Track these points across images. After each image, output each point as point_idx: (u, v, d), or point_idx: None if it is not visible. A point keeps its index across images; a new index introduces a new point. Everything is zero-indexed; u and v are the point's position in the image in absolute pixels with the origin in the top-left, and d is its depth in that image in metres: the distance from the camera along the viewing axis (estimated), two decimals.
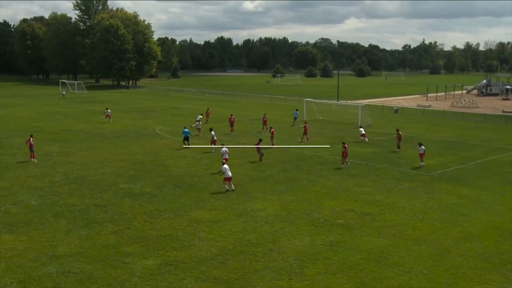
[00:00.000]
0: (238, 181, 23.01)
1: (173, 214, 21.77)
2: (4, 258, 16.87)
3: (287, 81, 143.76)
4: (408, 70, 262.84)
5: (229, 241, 18.73)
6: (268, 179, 27.81)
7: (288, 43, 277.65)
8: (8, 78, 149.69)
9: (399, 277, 15.91)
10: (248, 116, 55.94)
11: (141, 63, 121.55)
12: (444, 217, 21.91)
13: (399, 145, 37.30)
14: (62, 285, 15.01)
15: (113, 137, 41.52)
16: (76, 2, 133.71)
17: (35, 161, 31.50)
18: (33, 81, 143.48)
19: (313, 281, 15.55)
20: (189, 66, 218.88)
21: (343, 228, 20.34)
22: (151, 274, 15.83)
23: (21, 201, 23.33)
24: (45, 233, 19.22)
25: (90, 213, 21.76)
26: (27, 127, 47.34)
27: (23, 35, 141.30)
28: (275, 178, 28.27)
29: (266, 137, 37.98)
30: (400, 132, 37.50)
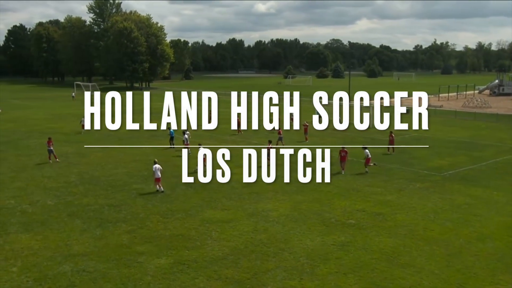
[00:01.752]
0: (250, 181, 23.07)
1: (186, 214, 21.86)
2: (21, 257, 17.08)
3: (299, 82, 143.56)
4: (420, 71, 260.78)
5: (241, 240, 18.76)
6: (279, 179, 27.76)
7: (299, 44, 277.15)
8: (24, 80, 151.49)
9: (410, 277, 15.81)
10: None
11: (154, 65, 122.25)
12: (455, 218, 21.71)
13: (392, 148, 36.04)
14: (77, 284, 15.16)
15: (126, 138, 41.78)
16: (91, 5, 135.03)
17: (58, 160, 31.83)
18: (49, 83, 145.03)
19: (324, 281, 15.51)
20: (201, 68, 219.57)
21: (354, 228, 20.26)
22: (163, 273, 15.91)
23: (37, 201, 23.60)
24: (60, 233, 19.42)
25: (104, 213, 21.94)
26: (42, 128, 47.86)
27: (39, 38, 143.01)
28: (286, 178, 28.17)
29: (274, 138, 37.92)
30: (393, 134, 35.81)
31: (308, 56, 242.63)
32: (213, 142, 39.41)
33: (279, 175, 22.59)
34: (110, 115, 20.06)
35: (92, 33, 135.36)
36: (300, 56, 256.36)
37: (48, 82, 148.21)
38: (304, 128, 41.17)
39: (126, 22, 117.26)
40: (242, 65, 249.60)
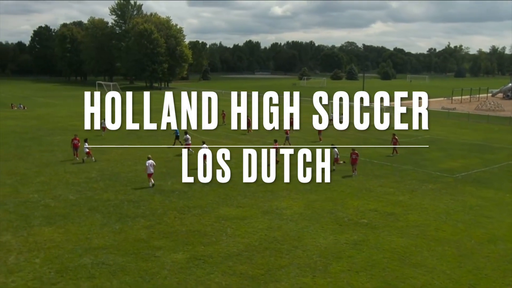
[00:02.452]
0: (259, 180, 23.04)
1: (202, 210, 21.94)
2: (43, 249, 17.31)
3: (313, 84, 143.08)
4: (433, 73, 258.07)
5: (255, 237, 18.76)
6: (293, 179, 27.68)
7: (314, 47, 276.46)
8: (49, 79, 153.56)
9: (421, 277, 15.65)
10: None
11: (173, 65, 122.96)
12: (467, 219, 21.44)
13: (396, 149, 35.34)
14: (96, 276, 15.31)
15: (146, 135, 42.06)
16: (113, 7, 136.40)
17: (77, 159, 31.76)
18: (72, 82, 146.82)
19: (337, 279, 15.44)
20: (218, 69, 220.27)
21: (366, 227, 20.13)
22: (180, 268, 15.99)
23: (59, 195, 23.89)
24: (81, 226, 19.64)
25: (123, 208, 22.12)
26: (65, 125, 48.44)
27: (63, 39, 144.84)
28: (300, 177, 28.10)
29: (292, 137, 37.86)
30: (396, 136, 35.23)
31: (323, 58, 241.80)
32: (230, 141, 39.53)
33: (294, 174, 22.59)
34: (131, 114, 20.06)
35: (114, 34, 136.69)
36: (315, 58, 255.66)
37: (71, 81, 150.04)
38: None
39: (146, 23, 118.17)
40: (258, 67, 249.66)
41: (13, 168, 29.21)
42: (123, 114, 20.13)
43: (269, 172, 22.15)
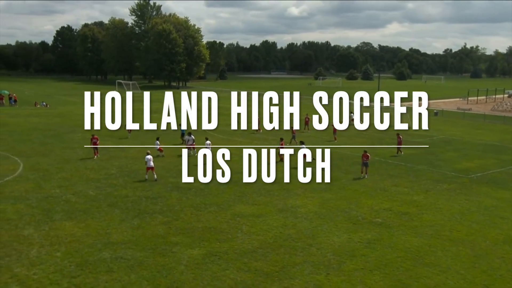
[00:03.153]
0: (279, 178, 23.05)
1: (218, 207, 22.01)
2: (64, 243, 17.55)
3: (329, 84, 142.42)
4: (449, 74, 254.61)
5: (270, 235, 18.76)
6: (308, 177, 27.59)
7: (330, 47, 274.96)
8: (70, 78, 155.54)
9: (435, 277, 15.47)
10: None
11: (191, 65, 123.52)
12: (482, 219, 21.13)
13: (399, 149, 34.71)
14: (115, 270, 15.47)
15: (164, 134, 42.30)
16: (133, 8, 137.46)
17: (95, 158, 31.90)
18: (92, 81, 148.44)
19: (350, 277, 15.35)
20: (235, 68, 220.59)
21: (380, 226, 19.97)
22: (196, 263, 16.07)
23: (80, 191, 24.19)
24: (100, 221, 19.86)
25: (142, 204, 22.31)
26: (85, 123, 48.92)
27: (84, 39, 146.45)
28: (315, 176, 28.00)
29: (305, 137, 37.74)
30: (400, 136, 34.50)
31: (338, 58, 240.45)
32: (244, 139, 39.58)
33: (308, 173, 22.56)
34: (148, 113, 20.07)
35: (134, 34, 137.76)
36: (331, 58, 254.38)
37: (92, 80, 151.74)
38: (333, 128, 40.76)
39: (165, 24, 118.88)
40: (274, 66, 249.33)
41: (36, 164, 29.67)
42: (141, 114, 20.21)
43: (305, 172, 21.98)
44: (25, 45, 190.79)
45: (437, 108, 69.85)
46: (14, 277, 14.81)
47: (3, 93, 70.49)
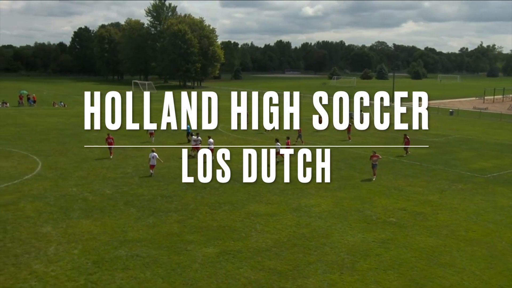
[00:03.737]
0: (292, 177, 23.02)
1: (232, 206, 22.06)
2: (81, 240, 17.76)
3: (343, 83, 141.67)
4: (465, 73, 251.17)
5: (284, 234, 18.74)
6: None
7: (344, 46, 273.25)
8: (87, 78, 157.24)
9: (450, 277, 15.30)
10: (305, 116, 55.52)
11: (206, 65, 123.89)
12: (498, 220, 20.82)
13: (407, 149, 34.20)
14: (131, 267, 15.61)
15: (178, 133, 42.54)
16: (149, 9, 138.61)
17: (111, 157, 32.00)
18: (109, 81, 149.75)
19: (364, 276, 15.27)
20: (249, 68, 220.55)
21: (395, 226, 19.81)
22: (210, 262, 16.13)
23: (96, 189, 24.45)
24: (117, 220, 20.05)
25: (157, 203, 22.46)
26: (102, 123, 49.40)
27: (101, 40, 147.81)
28: (327, 177, 27.88)
29: (319, 136, 37.58)
30: (408, 136, 33.89)
31: (353, 58, 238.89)
32: (260, 139, 39.59)
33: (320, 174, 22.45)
34: (167, 113, 19.93)
35: (149, 34, 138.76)
36: (345, 57, 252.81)
37: (108, 80, 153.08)
38: (348, 127, 40.50)
39: (180, 24, 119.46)
40: (288, 66, 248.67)
41: (54, 163, 30.07)
42: (159, 113, 20.09)
43: (305, 172, 21.78)
44: (43, 46, 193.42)
45: (452, 107, 69.02)
46: (33, 274, 15.04)
47: (22, 93, 71.60)
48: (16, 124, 47.54)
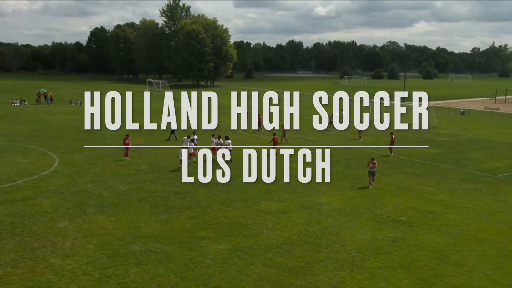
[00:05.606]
0: (302, 176, 22.93)
1: (244, 204, 22.09)
2: (97, 235, 17.94)
3: (354, 83, 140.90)
4: (476, 73, 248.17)
5: (295, 231, 18.72)
6: (333, 175, 27.37)
7: (356, 46, 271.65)
8: (103, 77, 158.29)
9: (460, 276, 15.16)
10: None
11: (218, 64, 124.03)
12: (509, 219, 20.56)
13: (391, 149, 33.47)
14: (144, 263, 15.72)
15: (192, 132, 42.65)
16: (163, 9, 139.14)
17: (126, 159, 30.68)
18: (124, 80, 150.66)
19: (374, 274, 15.19)
20: (261, 68, 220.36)
21: (405, 225, 19.68)
22: (222, 258, 16.18)
23: (111, 186, 24.65)
24: (131, 215, 20.20)
25: (170, 199, 22.58)
26: (117, 121, 49.78)
27: (117, 39, 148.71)
28: (340, 174, 27.85)
29: (328, 135, 37.42)
30: (393, 135, 33.11)
31: (364, 58, 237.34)
32: (256, 140, 39.48)
33: (333, 170, 22.31)
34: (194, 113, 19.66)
35: (164, 34, 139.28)
36: (357, 57, 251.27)
37: (123, 79, 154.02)
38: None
39: (194, 24, 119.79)
40: (300, 66, 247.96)
41: (70, 160, 30.38)
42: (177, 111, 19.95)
43: (304, 172, 21.50)
44: (61, 45, 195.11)
45: (464, 107, 68.27)
46: (50, 267, 15.22)
47: (41, 91, 72.46)
48: (34, 122, 48.12)
